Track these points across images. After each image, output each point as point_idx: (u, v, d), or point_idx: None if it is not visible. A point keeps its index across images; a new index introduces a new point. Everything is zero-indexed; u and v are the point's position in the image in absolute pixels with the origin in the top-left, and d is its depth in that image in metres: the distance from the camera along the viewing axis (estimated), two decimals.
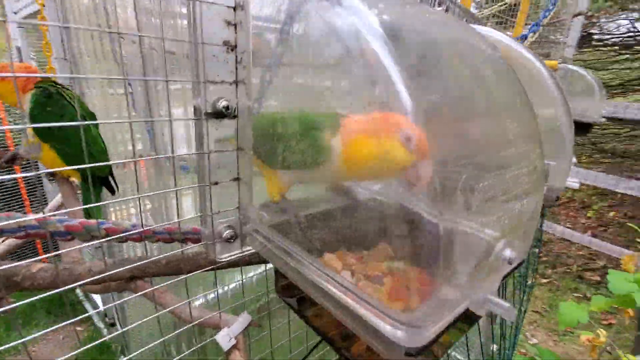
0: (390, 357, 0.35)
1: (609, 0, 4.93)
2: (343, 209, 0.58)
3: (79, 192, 1.10)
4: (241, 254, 0.57)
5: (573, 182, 0.94)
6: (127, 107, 1.70)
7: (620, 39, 5.14)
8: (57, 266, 0.65)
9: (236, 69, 0.48)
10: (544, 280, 3.72)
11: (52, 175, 1.08)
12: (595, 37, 5.27)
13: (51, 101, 0.93)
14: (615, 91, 5.12)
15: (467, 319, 0.41)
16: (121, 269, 0.66)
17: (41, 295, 0.46)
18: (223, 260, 0.55)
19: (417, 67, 0.40)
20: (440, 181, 0.35)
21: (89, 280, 0.64)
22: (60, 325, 0.51)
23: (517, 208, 0.48)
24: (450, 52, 0.50)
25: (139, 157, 1.30)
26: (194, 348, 0.72)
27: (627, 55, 5.09)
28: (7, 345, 0.47)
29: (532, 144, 0.53)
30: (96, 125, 1.08)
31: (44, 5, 1.61)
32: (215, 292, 0.80)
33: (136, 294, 0.69)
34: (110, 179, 1.13)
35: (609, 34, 5.29)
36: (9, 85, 0.96)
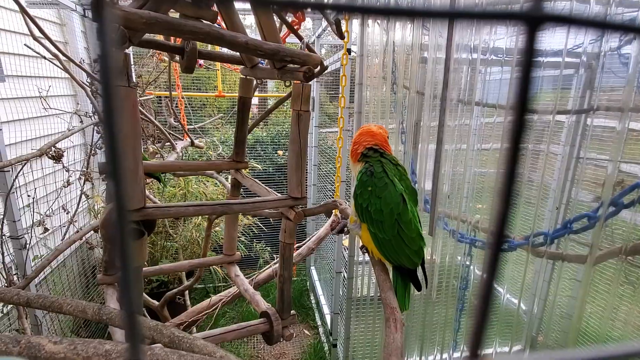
0: None
1: None
2: None
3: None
4: None
5: None
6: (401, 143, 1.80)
7: None
8: None
9: None
10: None
11: (366, 249, 0.98)
12: None
13: (373, 181, 0.86)
14: None
15: None
16: None
17: None
18: None
19: None
20: None
21: None
22: None
23: None
24: None
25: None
26: None
27: None
28: None
29: None
30: (415, 203, 0.91)
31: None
32: None
33: None
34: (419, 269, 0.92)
35: None
36: (353, 153, 0.96)
